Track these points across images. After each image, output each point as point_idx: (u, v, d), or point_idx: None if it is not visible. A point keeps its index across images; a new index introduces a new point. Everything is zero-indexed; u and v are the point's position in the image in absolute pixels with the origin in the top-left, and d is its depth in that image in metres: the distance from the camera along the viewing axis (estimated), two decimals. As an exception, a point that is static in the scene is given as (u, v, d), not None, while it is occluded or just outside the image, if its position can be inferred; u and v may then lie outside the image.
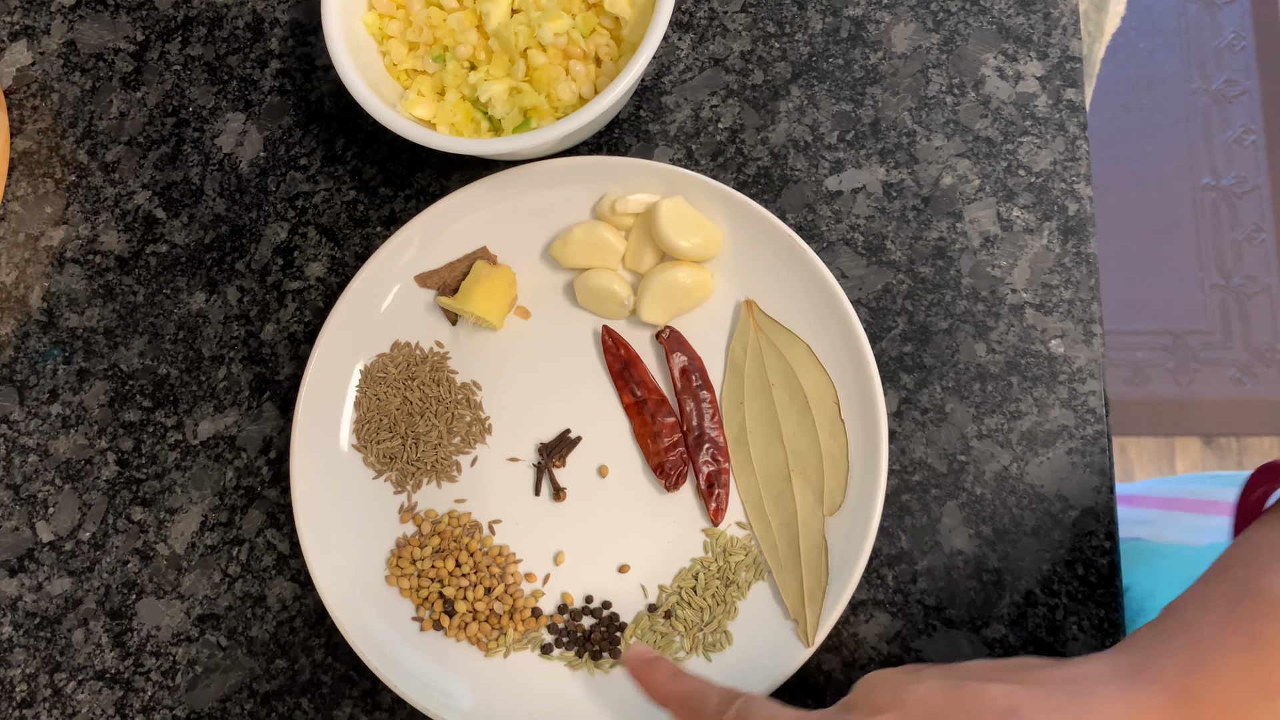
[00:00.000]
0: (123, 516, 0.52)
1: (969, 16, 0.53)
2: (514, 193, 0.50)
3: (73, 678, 0.51)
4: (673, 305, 0.49)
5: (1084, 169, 0.51)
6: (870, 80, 0.53)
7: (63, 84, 0.57)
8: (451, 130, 0.50)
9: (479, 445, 0.50)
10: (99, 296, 0.54)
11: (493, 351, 0.51)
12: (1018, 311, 0.50)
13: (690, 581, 0.47)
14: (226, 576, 0.51)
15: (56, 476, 0.53)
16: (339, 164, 0.54)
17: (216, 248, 0.54)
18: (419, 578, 0.48)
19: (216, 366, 0.53)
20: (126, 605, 0.51)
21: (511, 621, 0.48)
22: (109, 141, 0.56)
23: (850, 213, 0.51)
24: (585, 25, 0.49)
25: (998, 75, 0.52)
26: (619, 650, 0.47)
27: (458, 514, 0.49)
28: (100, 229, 0.55)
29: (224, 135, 0.55)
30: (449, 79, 0.50)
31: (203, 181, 0.55)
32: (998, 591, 0.48)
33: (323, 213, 0.54)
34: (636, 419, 0.49)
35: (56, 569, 0.52)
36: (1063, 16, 0.52)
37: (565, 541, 0.49)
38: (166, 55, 0.57)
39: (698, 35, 0.54)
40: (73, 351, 0.54)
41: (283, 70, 0.56)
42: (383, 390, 0.50)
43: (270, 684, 0.50)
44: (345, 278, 0.53)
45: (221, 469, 0.52)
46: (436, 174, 0.54)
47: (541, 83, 0.48)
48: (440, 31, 0.50)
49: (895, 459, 0.49)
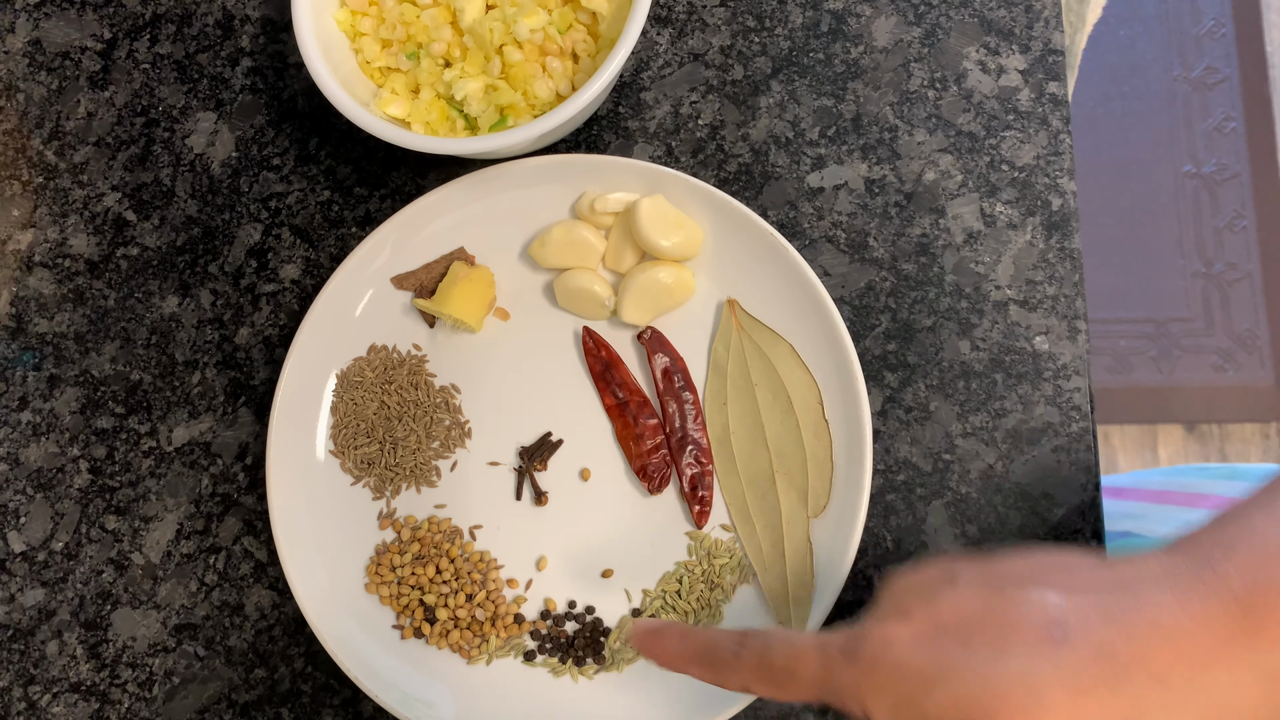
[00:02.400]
0: (96, 525, 0.51)
1: (950, 10, 0.52)
2: (491, 192, 0.49)
3: (47, 690, 0.50)
4: (654, 305, 0.48)
5: (1067, 164, 0.50)
6: (851, 75, 0.52)
7: (28, 83, 0.55)
8: (427, 129, 0.49)
9: (459, 449, 0.49)
10: (69, 301, 0.53)
11: (471, 354, 0.50)
12: (1001, 308, 0.50)
13: (674, 585, 0.47)
14: (203, 585, 0.50)
15: (28, 486, 0.52)
16: (313, 164, 0.53)
17: (189, 250, 0.53)
18: (399, 585, 0.48)
19: (190, 372, 0.52)
20: (101, 616, 0.50)
21: (493, 628, 0.47)
22: (77, 142, 0.55)
23: (832, 210, 0.51)
24: (562, 21, 0.48)
25: (980, 69, 0.51)
26: (603, 656, 0.47)
27: (438, 520, 0.49)
28: (69, 232, 0.54)
29: (195, 135, 0.54)
30: (423, 77, 0.49)
31: (174, 183, 0.54)
32: (984, 591, 0.47)
33: (297, 214, 0.53)
34: (618, 421, 0.49)
35: (29, 580, 0.51)
36: (1045, 9, 0.52)
37: (547, 546, 0.48)
38: (135, 54, 0.55)
39: (676, 30, 0.53)
40: (43, 357, 0.53)
41: (254, 68, 0.55)
42: (360, 395, 0.49)
43: (249, 694, 0.49)
44: (320, 280, 0.52)
45: (197, 476, 0.51)
46: (412, 173, 0.53)
47: (518, 80, 0.48)
48: (414, 28, 0.49)
49: (880, 458, 0.49)
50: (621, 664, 0.46)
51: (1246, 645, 0.28)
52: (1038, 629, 0.28)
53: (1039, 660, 0.28)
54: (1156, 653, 0.28)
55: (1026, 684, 0.28)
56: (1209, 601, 0.28)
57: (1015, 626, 0.28)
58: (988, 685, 0.28)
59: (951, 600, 0.30)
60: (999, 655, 0.28)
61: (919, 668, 0.29)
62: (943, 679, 0.29)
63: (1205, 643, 0.28)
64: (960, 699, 0.28)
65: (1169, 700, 0.28)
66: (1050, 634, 0.28)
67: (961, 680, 0.28)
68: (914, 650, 0.29)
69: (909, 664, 0.29)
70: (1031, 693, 0.27)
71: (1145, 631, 0.28)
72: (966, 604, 0.30)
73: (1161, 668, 0.28)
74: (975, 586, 0.30)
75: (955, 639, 0.29)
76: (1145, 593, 0.29)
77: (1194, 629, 0.28)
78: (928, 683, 0.29)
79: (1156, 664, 0.28)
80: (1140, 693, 0.28)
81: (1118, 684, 0.28)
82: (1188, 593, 0.28)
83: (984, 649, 0.29)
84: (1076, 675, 0.28)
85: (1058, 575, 0.30)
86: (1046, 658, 0.28)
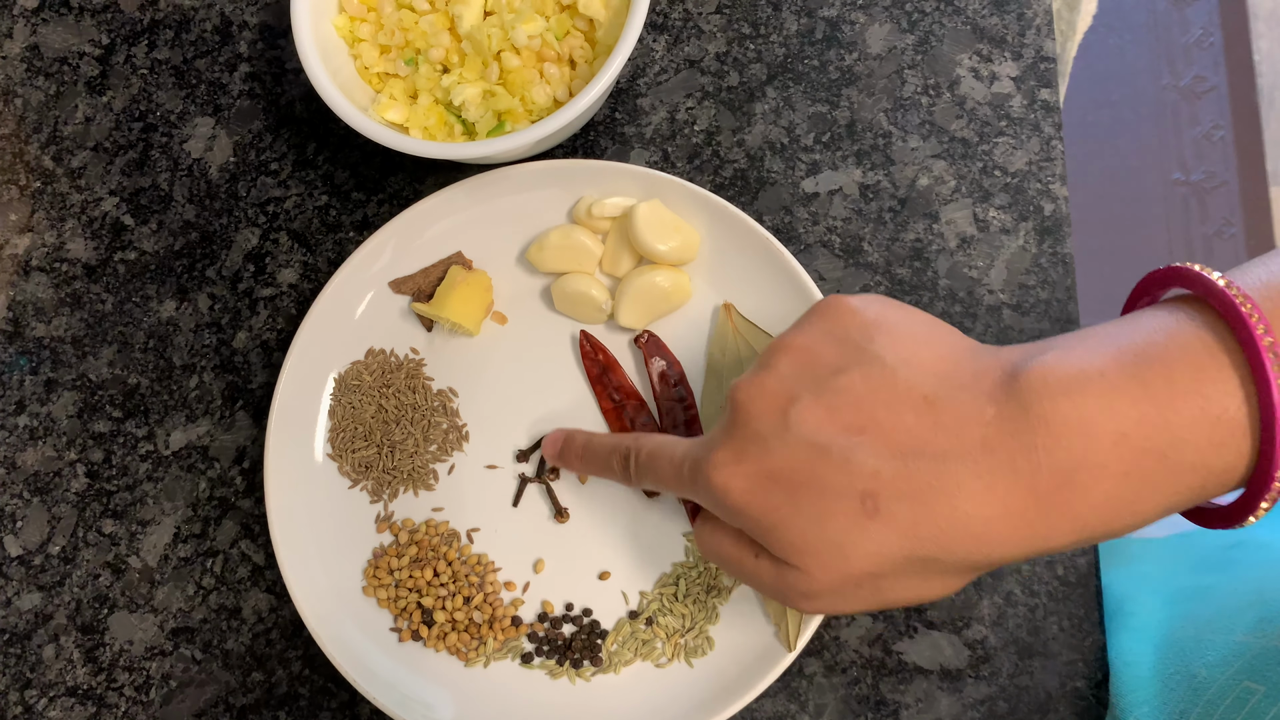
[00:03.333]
0: (93, 529, 0.51)
1: (943, 17, 0.53)
2: (489, 197, 0.50)
3: (44, 694, 0.50)
4: (651, 309, 0.49)
5: (1059, 169, 0.51)
6: (846, 81, 0.52)
7: (26, 89, 0.56)
8: (425, 134, 0.49)
9: (456, 453, 0.49)
10: (66, 305, 0.53)
11: (469, 357, 0.50)
12: (995, 312, 0.50)
13: (672, 587, 0.47)
14: (201, 589, 0.50)
15: (25, 489, 0.52)
16: (311, 168, 0.54)
17: (186, 254, 0.53)
18: (397, 588, 0.48)
19: (188, 375, 0.52)
20: (98, 620, 0.50)
21: (491, 631, 0.47)
22: (75, 147, 0.55)
23: (827, 215, 0.51)
24: (559, 28, 0.48)
25: (973, 76, 0.52)
26: (600, 659, 0.47)
27: (435, 523, 0.49)
28: (67, 236, 0.54)
29: (193, 140, 0.54)
30: (421, 82, 0.49)
31: (171, 187, 0.54)
32: (978, 592, 0.48)
33: (294, 218, 0.53)
34: (615, 424, 0.49)
35: (26, 584, 0.51)
36: (1036, 17, 0.52)
37: (545, 549, 0.49)
38: (133, 59, 0.56)
39: (673, 37, 0.54)
40: (40, 362, 0.53)
41: (252, 74, 0.55)
42: (357, 398, 0.49)
43: (246, 697, 0.49)
44: (318, 284, 0.53)
45: (194, 480, 0.51)
46: (410, 178, 0.53)
47: (515, 86, 0.48)
48: (412, 34, 0.49)
49: (875, 461, 0.49)
50: (619, 666, 0.47)
51: (1037, 539, 0.32)
52: (854, 500, 0.33)
53: (851, 530, 0.33)
54: (953, 537, 0.32)
55: (839, 547, 0.33)
56: (1012, 496, 0.32)
57: (836, 494, 0.33)
58: (808, 542, 0.34)
59: (782, 453, 0.34)
60: (819, 519, 0.33)
61: (753, 516, 0.35)
62: (770, 528, 0.35)
63: (999, 533, 0.32)
64: (784, 545, 0.35)
65: (952, 582, 0.35)
66: (864, 505, 0.33)
67: (786, 531, 0.34)
68: (748, 500, 0.35)
69: (744, 511, 0.35)
70: (841, 554, 0.33)
71: (946, 516, 0.32)
72: (795, 458, 0.34)
73: (956, 551, 0.33)
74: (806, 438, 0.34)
75: (784, 492, 0.34)
76: (957, 472, 0.32)
77: (991, 519, 0.32)
78: (759, 528, 0.35)
79: (953, 546, 0.33)
80: (933, 569, 0.34)
81: (913, 559, 0.33)
82: (996, 482, 0.32)
83: (808, 508, 0.34)
84: (880, 546, 0.33)
85: (887, 415, 0.34)
86: (858, 528, 0.33)
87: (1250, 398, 0.31)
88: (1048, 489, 0.32)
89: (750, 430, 0.35)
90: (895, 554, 0.33)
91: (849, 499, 0.33)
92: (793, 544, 0.34)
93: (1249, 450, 0.31)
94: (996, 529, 0.32)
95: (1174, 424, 0.31)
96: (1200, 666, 0.43)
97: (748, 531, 0.36)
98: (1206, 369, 0.31)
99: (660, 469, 0.40)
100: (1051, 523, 0.32)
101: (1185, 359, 0.32)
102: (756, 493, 0.35)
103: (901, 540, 0.33)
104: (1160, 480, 0.32)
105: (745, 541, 0.37)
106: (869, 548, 0.33)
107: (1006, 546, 0.33)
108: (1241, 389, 0.31)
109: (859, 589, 0.35)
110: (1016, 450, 0.32)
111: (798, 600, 0.36)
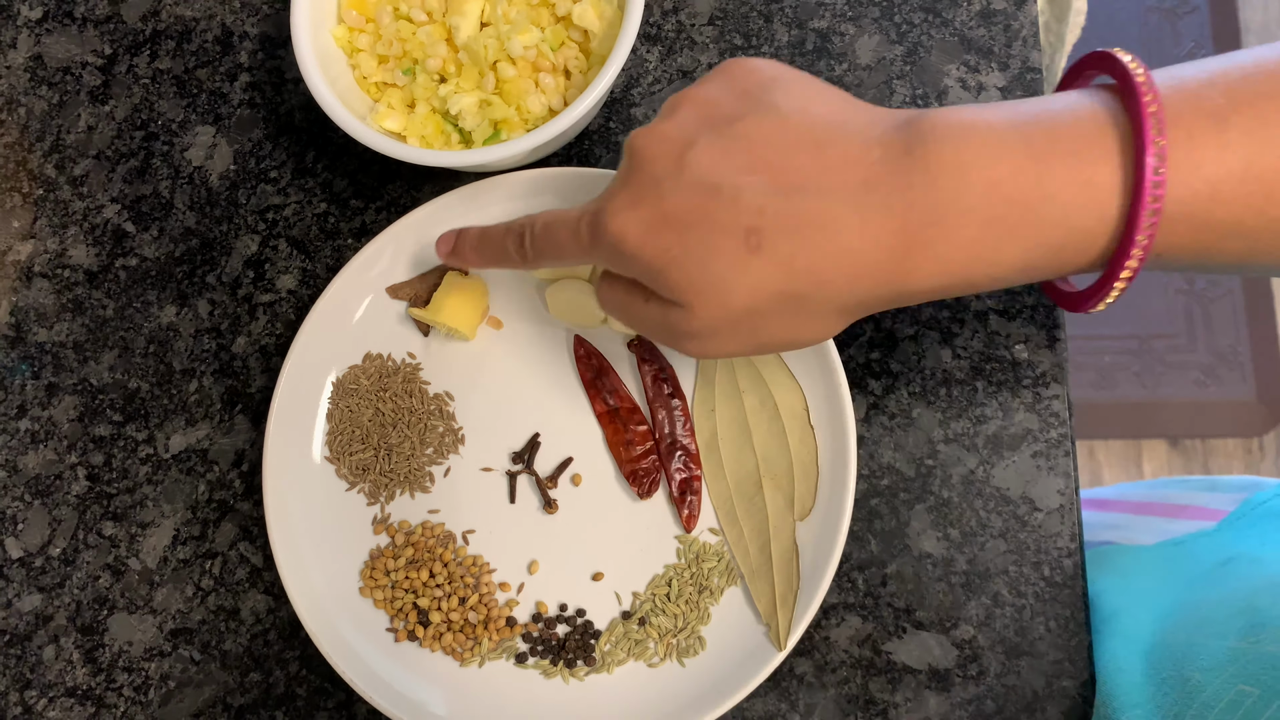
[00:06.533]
0: (93, 531, 0.52)
1: (931, 29, 0.54)
2: (485, 204, 0.50)
3: (44, 695, 0.50)
4: (643, 314, 0.49)
5: (1045, 177, 0.52)
6: (836, 91, 0.53)
7: (29, 98, 0.57)
8: (422, 142, 0.50)
9: (452, 456, 0.50)
10: (68, 311, 0.54)
11: (465, 362, 0.51)
12: (982, 318, 0.51)
13: (664, 588, 0.48)
14: (199, 590, 0.51)
15: (26, 492, 0.52)
16: (310, 176, 0.55)
17: (187, 261, 0.54)
18: (393, 589, 0.48)
19: (188, 380, 0.53)
20: (98, 621, 0.51)
21: (486, 631, 0.48)
22: (77, 155, 0.56)
23: (818, 222, 0.52)
24: (554, 38, 0.49)
25: (960, 86, 0.53)
26: (594, 658, 0.48)
27: (431, 524, 0.49)
28: (69, 243, 0.55)
29: (194, 148, 0.55)
30: (419, 92, 0.50)
31: (172, 195, 0.55)
32: (966, 593, 0.48)
33: (294, 225, 0.54)
34: (609, 427, 0.50)
35: (26, 585, 0.52)
36: (1023, 29, 0.53)
37: (539, 550, 0.49)
38: (135, 69, 0.57)
39: (666, 48, 0.54)
40: (41, 366, 0.54)
41: (252, 83, 0.56)
42: (355, 402, 0.50)
43: (244, 697, 0.50)
44: (316, 290, 0.53)
45: (193, 482, 0.52)
46: (407, 186, 0.54)
47: (511, 95, 0.49)
48: (410, 45, 0.50)
49: (864, 464, 0.50)
50: (612, 666, 0.47)
51: (901, 278, 0.34)
52: (739, 237, 0.34)
53: (735, 266, 0.34)
54: (826, 270, 0.34)
55: (722, 283, 0.35)
56: (884, 232, 0.34)
57: (723, 231, 0.34)
58: (693, 280, 0.35)
59: (676, 195, 0.35)
60: (705, 258, 0.35)
61: (644, 260, 0.36)
62: (660, 269, 0.36)
63: (868, 268, 0.34)
64: (671, 285, 0.36)
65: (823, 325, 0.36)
66: (748, 241, 0.34)
67: (675, 271, 0.35)
68: (641, 243, 0.36)
69: (638, 257, 0.36)
70: (724, 290, 0.35)
71: (821, 248, 0.34)
72: (688, 199, 0.35)
73: (827, 287, 0.34)
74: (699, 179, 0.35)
75: (674, 233, 0.35)
76: (837, 209, 0.34)
77: (862, 251, 0.34)
78: (649, 271, 0.36)
79: (824, 281, 0.34)
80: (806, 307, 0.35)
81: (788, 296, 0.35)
82: (871, 217, 0.34)
83: (696, 248, 0.35)
84: (759, 281, 0.34)
85: (778, 157, 0.35)
86: (741, 264, 0.34)
87: (1126, 169, 0.33)
88: (917, 226, 0.33)
89: (646, 175, 0.36)
90: (772, 289, 0.34)
91: (734, 236, 0.34)
92: (679, 284, 0.35)
93: (1114, 216, 0.33)
94: (865, 263, 0.34)
95: (1046, 180, 0.33)
96: (1194, 670, 0.43)
97: (640, 278, 0.37)
98: (1091, 136, 0.33)
99: (558, 235, 0.40)
100: (916, 262, 0.34)
101: (1075, 127, 0.33)
102: (649, 235, 0.36)
103: (778, 274, 0.34)
104: (1023, 231, 0.33)
105: (638, 288, 0.38)
106: (749, 282, 0.34)
107: (873, 283, 0.34)
108: (1120, 158, 0.33)
109: (737, 327, 0.36)
110: (894, 189, 0.34)
111: (682, 341, 0.37)
